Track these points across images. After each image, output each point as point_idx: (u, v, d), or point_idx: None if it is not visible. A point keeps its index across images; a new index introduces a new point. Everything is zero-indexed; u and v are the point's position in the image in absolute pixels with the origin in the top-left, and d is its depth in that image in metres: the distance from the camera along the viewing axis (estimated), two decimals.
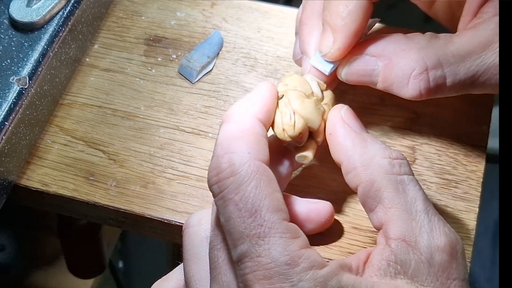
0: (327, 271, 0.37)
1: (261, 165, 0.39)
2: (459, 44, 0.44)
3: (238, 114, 0.41)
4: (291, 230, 0.38)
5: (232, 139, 0.39)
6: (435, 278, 0.39)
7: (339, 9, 0.44)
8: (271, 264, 0.37)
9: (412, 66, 0.44)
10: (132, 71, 0.54)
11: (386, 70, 0.44)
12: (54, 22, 0.51)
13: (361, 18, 0.44)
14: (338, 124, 0.42)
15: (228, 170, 0.38)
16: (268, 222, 0.37)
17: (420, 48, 0.44)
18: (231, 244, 0.38)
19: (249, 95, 0.42)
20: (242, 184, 0.38)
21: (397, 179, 0.40)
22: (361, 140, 0.42)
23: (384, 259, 0.39)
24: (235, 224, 0.38)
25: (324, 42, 0.45)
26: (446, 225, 0.40)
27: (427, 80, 0.44)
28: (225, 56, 0.54)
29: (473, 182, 0.48)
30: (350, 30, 0.44)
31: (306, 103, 0.42)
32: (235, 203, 0.38)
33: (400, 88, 0.44)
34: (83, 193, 0.48)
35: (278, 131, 0.42)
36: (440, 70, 0.44)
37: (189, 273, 0.41)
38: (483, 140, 0.49)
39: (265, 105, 0.41)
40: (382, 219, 0.40)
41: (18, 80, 0.48)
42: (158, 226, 0.48)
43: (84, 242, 0.66)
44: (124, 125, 0.51)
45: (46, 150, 0.50)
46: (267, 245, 0.37)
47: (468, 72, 0.44)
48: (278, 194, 0.39)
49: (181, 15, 0.56)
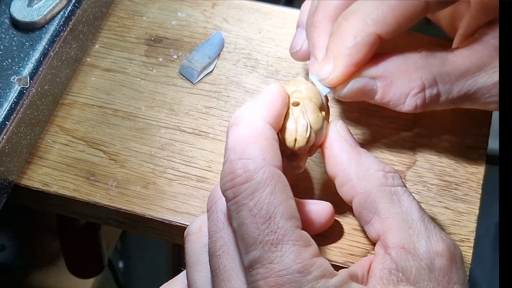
0: (338, 280, 0.38)
1: (276, 171, 0.39)
2: (455, 64, 0.45)
3: (248, 117, 0.40)
4: (303, 238, 0.38)
5: (245, 144, 0.39)
6: (436, 283, 0.39)
7: (347, 38, 0.44)
8: (283, 272, 0.37)
9: (411, 86, 0.45)
10: (133, 71, 0.54)
11: (385, 89, 0.45)
12: (55, 21, 0.51)
13: (366, 51, 0.44)
14: (334, 138, 0.43)
15: (243, 176, 0.38)
16: (282, 229, 0.37)
17: (418, 68, 0.45)
18: (243, 249, 0.38)
19: (258, 97, 0.42)
20: (257, 190, 0.38)
21: (391, 190, 0.42)
22: (356, 154, 0.43)
23: (385, 268, 0.40)
24: (248, 229, 0.38)
25: (324, 67, 0.45)
26: (442, 232, 0.41)
27: (423, 98, 0.45)
28: (226, 57, 0.54)
29: (473, 184, 0.48)
30: (352, 61, 0.44)
31: (320, 118, 0.43)
32: (249, 208, 0.38)
33: (397, 105, 0.45)
34: (84, 193, 0.48)
35: (289, 139, 0.42)
36: (435, 88, 0.45)
37: (191, 280, 0.42)
38: (483, 142, 0.49)
39: (276, 109, 0.41)
40: (379, 230, 0.42)
41: (19, 79, 0.48)
42: (159, 226, 0.48)
43: (83, 242, 0.66)
44: (125, 125, 0.51)
45: (47, 150, 0.50)
46: (280, 252, 0.37)
47: (460, 91, 0.45)
48: (292, 201, 0.39)
49: (182, 16, 0.56)
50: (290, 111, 0.42)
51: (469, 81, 0.45)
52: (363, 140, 0.50)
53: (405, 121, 0.50)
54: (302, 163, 0.44)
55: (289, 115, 0.42)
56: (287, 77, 0.53)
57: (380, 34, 0.43)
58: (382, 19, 0.43)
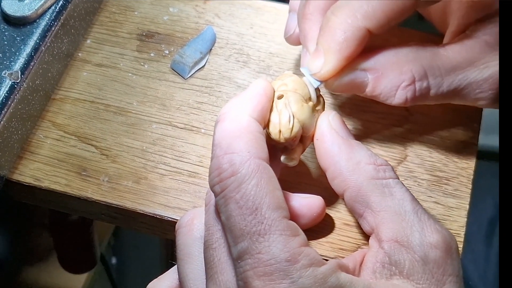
0: (326, 269, 0.38)
1: (261, 163, 0.39)
2: (446, 58, 0.45)
3: (232, 112, 0.41)
4: (291, 227, 0.38)
5: (230, 139, 0.39)
6: (431, 275, 0.39)
7: (337, 33, 0.44)
8: (271, 261, 0.37)
9: (402, 78, 0.45)
10: (125, 67, 0.54)
11: (376, 82, 0.45)
12: (46, 16, 0.51)
13: (356, 46, 0.44)
14: (325, 130, 0.43)
15: (229, 170, 0.39)
16: (269, 219, 0.38)
17: (409, 61, 0.45)
18: (231, 241, 0.38)
19: (243, 93, 0.42)
20: (243, 182, 0.38)
21: (383, 183, 0.41)
22: (347, 146, 0.43)
23: (378, 261, 0.40)
24: (235, 221, 0.38)
25: (315, 62, 0.45)
26: (437, 223, 0.41)
27: (413, 90, 0.45)
28: (218, 52, 0.54)
29: (463, 179, 0.48)
30: (342, 55, 0.44)
31: (305, 108, 0.43)
32: (236, 201, 0.38)
33: (387, 98, 0.45)
34: (75, 188, 0.48)
35: (274, 131, 0.42)
36: (426, 81, 0.45)
37: (183, 273, 0.42)
38: (474, 138, 0.50)
39: (259, 103, 0.42)
40: (372, 223, 0.41)
41: (10, 74, 0.48)
42: (150, 221, 0.48)
43: (76, 237, 0.66)
44: (117, 120, 0.51)
45: (39, 145, 0.50)
46: (267, 242, 0.37)
47: (450, 85, 0.45)
48: (278, 192, 0.39)
49: (174, 11, 0.56)
50: (274, 104, 0.42)
51: (459, 76, 0.45)
52: (354, 136, 0.50)
53: (396, 117, 0.50)
54: (295, 155, 0.44)
55: (273, 108, 0.42)
56: (278, 72, 0.53)
57: (370, 29, 0.43)
58: (372, 13, 0.43)
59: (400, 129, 0.50)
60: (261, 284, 0.37)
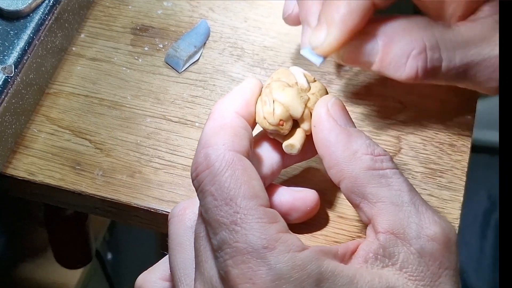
0: (306, 255, 0.37)
1: (236, 155, 0.39)
2: (458, 32, 0.44)
3: (219, 111, 0.41)
4: (268, 215, 0.38)
5: (210, 135, 0.40)
6: (426, 267, 0.38)
7: (341, 4, 0.43)
8: (248, 248, 0.37)
9: (412, 45, 0.44)
10: (119, 61, 0.53)
11: (386, 48, 0.44)
12: (40, 10, 0.50)
13: (360, 18, 0.43)
14: (323, 117, 0.42)
15: (204, 163, 0.39)
16: (244, 209, 0.38)
17: (420, 29, 0.44)
18: (211, 233, 0.38)
19: (231, 92, 0.42)
20: (217, 175, 0.38)
21: (380, 174, 0.40)
22: (344, 135, 0.41)
23: (372, 252, 0.39)
24: (213, 213, 0.38)
25: (317, 34, 0.44)
26: (436, 214, 0.40)
27: (425, 59, 0.44)
28: (212, 46, 0.54)
29: (457, 171, 0.48)
30: (346, 27, 0.43)
31: (287, 91, 0.42)
32: (211, 193, 0.38)
33: (397, 68, 0.44)
34: (70, 182, 0.48)
35: (259, 120, 0.42)
36: (437, 52, 0.44)
37: (174, 262, 0.42)
38: (468, 130, 0.50)
39: (245, 100, 0.42)
40: (369, 214, 0.40)
41: (4, 68, 0.48)
42: (145, 215, 0.48)
43: (71, 232, 0.66)
44: (111, 114, 0.51)
45: (33, 139, 0.50)
46: (244, 231, 0.37)
47: (463, 60, 0.44)
48: (255, 182, 0.39)
49: (168, 5, 0.56)
50: (259, 97, 0.42)
51: (472, 51, 0.44)
52: None
53: (391, 109, 0.50)
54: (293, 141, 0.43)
55: (258, 101, 0.43)
56: (273, 66, 0.53)
57: (374, 1, 0.43)
58: None
59: (394, 121, 0.50)
60: (240, 272, 0.37)
